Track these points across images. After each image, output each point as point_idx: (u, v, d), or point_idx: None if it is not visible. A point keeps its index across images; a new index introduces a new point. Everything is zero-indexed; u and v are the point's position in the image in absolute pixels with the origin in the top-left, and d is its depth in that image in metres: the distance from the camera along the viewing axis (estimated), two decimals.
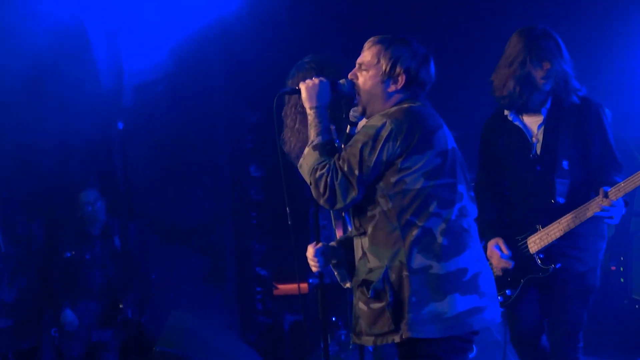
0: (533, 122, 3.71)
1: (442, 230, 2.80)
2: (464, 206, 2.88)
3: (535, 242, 3.63)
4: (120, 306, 5.18)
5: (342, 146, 2.95)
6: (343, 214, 3.24)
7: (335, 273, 3.17)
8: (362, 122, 3.05)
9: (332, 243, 3.18)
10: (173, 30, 5.21)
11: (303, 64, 3.44)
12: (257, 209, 6.17)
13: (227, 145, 5.90)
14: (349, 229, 3.24)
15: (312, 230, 3.28)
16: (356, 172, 2.80)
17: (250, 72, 5.64)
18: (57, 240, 5.33)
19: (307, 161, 2.90)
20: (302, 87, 3.00)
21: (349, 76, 3.02)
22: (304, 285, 5.63)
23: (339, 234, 3.51)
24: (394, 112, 2.85)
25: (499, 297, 3.61)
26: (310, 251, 3.11)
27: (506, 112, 3.76)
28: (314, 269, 3.11)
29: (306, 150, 2.93)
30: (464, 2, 5.14)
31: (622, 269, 5.34)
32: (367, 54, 2.99)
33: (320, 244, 3.11)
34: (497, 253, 3.68)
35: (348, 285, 3.07)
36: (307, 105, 2.98)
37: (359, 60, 3.01)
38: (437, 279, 2.78)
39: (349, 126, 3.01)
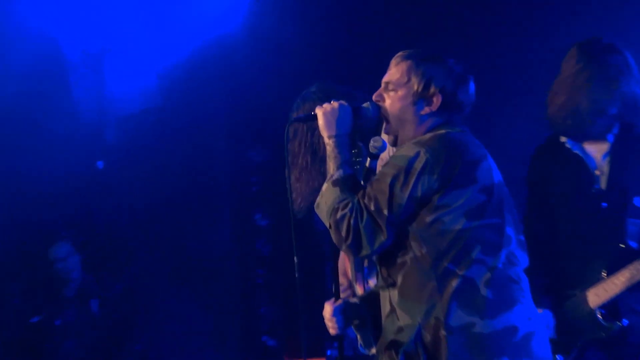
0: (597, 151, 3.70)
1: (487, 281, 2.76)
2: (512, 253, 2.85)
3: (598, 295, 3.58)
4: None
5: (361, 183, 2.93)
6: (366, 262, 3.20)
7: (358, 337, 3.15)
8: (385, 154, 3.08)
9: (354, 299, 3.15)
10: (164, 54, 5.30)
11: (309, 93, 3.52)
12: (265, 265, 6.17)
13: (229, 189, 5.93)
14: (369, 282, 3.20)
15: (331, 284, 3.22)
16: (385, 212, 2.77)
17: (255, 104, 5.71)
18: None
19: (326, 199, 2.88)
20: (319, 112, 3.01)
21: (374, 98, 3.03)
22: None
23: (359, 290, 3.48)
24: (428, 140, 2.84)
25: None
26: (328, 310, 3.08)
27: (563, 139, 3.75)
28: (332, 331, 3.09)
29: (325, 186, 2.92)
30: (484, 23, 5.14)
31: None
32: (395, 71, 3.00)
33: (340, 301, 3.08)
34: None
35: (374, 351, 3.04)
36: (325, 133, 2.98)
37: (385, 78, 3.02)
38: (481, 339, 2.73)
39: (368, 159, 3.01)
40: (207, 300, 5.66)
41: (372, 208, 2.77)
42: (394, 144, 2.99)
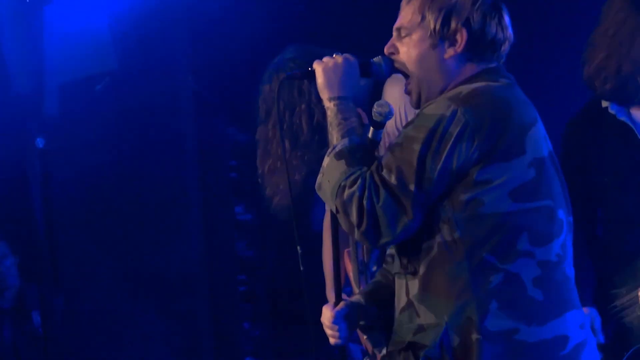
0: None
1: (536, 279, 2.78)
2: (566, 243, 2.89)
3: None
4: None
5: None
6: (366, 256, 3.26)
7: (364, 338, 3.27)
8: (390, 124, 3.14)
9: (357, 296, 3.17)
10: (118, 4, 5.23)
11: (284, 61, 3.65)
12: (247, 270, 6.16)
13: (200, 174, 5.89)
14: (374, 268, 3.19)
15: (334, 283, 3.23)
16: (412, 187, 2.74)
17: (236, 70, 5.66)
18: None
19: (329, 176, 2.89)
20: (318, 68, 3.02)
21: (386, 50, 3.06)
22: None
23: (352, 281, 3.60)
24: (466, 95, 2.82)
25: None
26: (328, 316, 3.11)
27: (605, 104, 3.82)
28: (332, 340, 3.12)
29: (326, 160, 2.93)
30: None
31: None
32: (406, 13, 3.01)
33: (342, 304, 3.10)
34: None
35: (385, 352, 3.06)
36: (325, 95, 3.00)
37: (396, 24, 3.04)
38: (524, 349, 2.76)
39: (371, 129, 3.00)
40: (175, 315, 5.62)
41: (394, 182, 2.74)
42: (417, 104, 2.98)
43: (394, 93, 3.59)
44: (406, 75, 3.00)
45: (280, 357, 6.05)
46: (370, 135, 2.99)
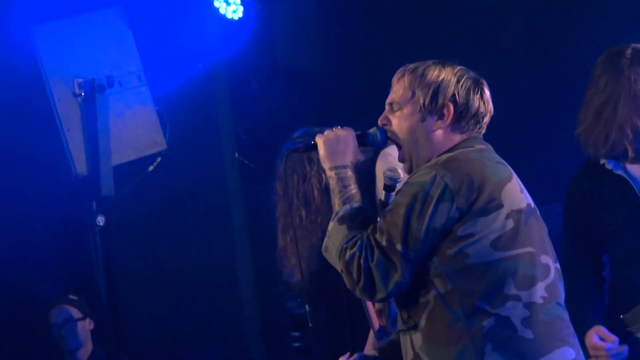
0: None
1: (525, 319, 2.86)
2: (553, 284, 2.96)
3: None
4: None
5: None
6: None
7: None
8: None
9: (372, 351, 3.29)
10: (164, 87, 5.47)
11: (292, 140, 3.70)
12: (301, 328, 6.29)
13: (249, 241, 6.13)
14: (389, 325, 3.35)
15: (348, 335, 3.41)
16: (399, 247, 2.86)
17: (276, 140, 5.86)
18: None
19: (334, 240, 2.99)
20: (320, 141, 3.15)
21: (379, 122, 3.17)
22: None
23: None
24: (445, 161, 2.95)
25: None
26: None
27: (603, 161, 3.89)
28: None
29: (330, 225, 3.03)
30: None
31: None
32: (397, 88, 3.12)
33: (356, 356, 3.22)
34: (602, 346, 3.77)
35: None
36: (327, 165, 3.12)
37: (388, 99, 3.15)
38: None
39: (383, 193, 3.15)
40: None
41: (384, 243, 2.86)
42: (410, 170, 3.10)
43: (380, 166, 3.76)
44: (399, 146, 3.12)
45: None
46: (383, 197, 3.15)
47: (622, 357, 3.76)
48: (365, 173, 3.32)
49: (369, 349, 3.78)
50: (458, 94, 3.05)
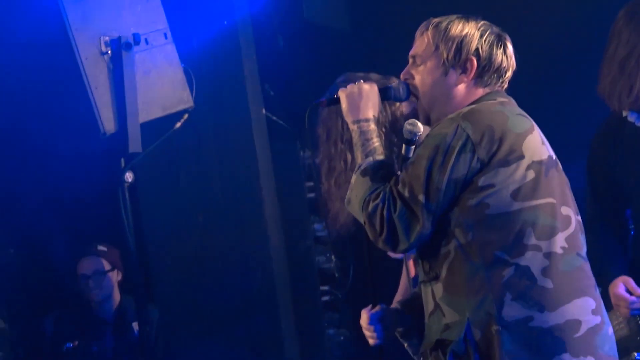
0: None
1: (545, 269, 2.88)
2: (573, 236, 2.98)
3: None
4: None
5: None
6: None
7: (405, 345, 3.31)
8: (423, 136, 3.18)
9: (395, 305, 3.32)
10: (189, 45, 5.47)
11: (335, 85, 3.58)
12: (329, 281, 6.35)
13: (278, 195, 6.11)
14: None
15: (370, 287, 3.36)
16: (421, 198, 2.89)
17: (305, 99, 5.85)
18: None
19: (357, 192, 3.02)
20: (342, 95, 3.17)
21: (402, 76, 3.19)
22: None
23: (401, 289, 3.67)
24: (466, 113, 2.97)
25: None
26: (364, 318, 3.27)
27: (625, 114, 3.90)
28: (371, 341, 3.26)
29: (353, 178, 3.07)
30: None
31: None
32: (420, 42, 3.13)
33: (378, 308, 3.25)
34: (625, 298, 3.75)
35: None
36: (349, 118, 3.15)
37: (411, 52, 3.17)
38: (539, 334, 2.85)
39: (403, 146, 3.16)
40: (260, 323, 5.77)
41: (407, 195, 2.89)
42: (427, 122, 3.14)
43: None
44: (418, 98, 3.14)
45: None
46: (403, 151, 3.15)
47: None
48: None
49: (398, 299, 3.79)
50: (481, 49, 3.06)
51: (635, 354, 3.80)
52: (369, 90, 3.15)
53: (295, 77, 6.37)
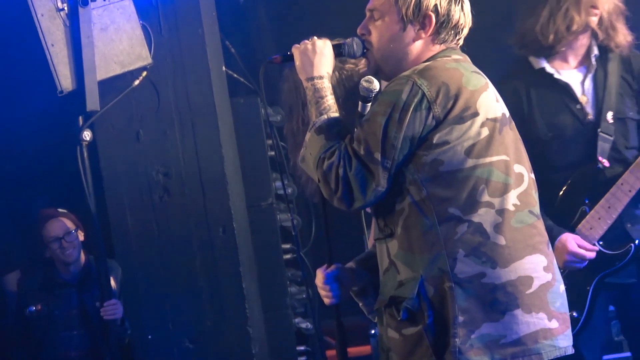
0: (575, 71, 4.10)
1: (497, 226, 2.90)
2: (526, 193, 2.99)
3: (592, 228, 3.95)
4: None
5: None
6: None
7: (360, 304, 3.30)
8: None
9: (351, 263, 3.30)
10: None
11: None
12: (291, 239, 6.33)
13: (241, 155, 6.08)
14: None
15: (326, 248, 3.33)
16: (377, 155, 2.88)
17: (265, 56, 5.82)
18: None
19: (311, 150, 3.03)
20: (296, 52, 3.15)
21: (359, 31, 3.16)
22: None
23: (370, 244, 3.67)
24: (422, 71, 2.95)
25: None
26: (320, 277, 3.26)
27: (532, 59, 4.12)
28: (326, 300, 3.26)
29: (307, 135, 3.06)
30: None
31: None
32: None
33: (333, 267, 3.24)
34: (579, 253, 3.95)
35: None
36: (303, 76, 3.12)
37: (369, 6, 3.13)
38: (491, 290, 2.87)
39: (360, 103, 3.14)
40: (216, 279, 5.71)
41: (362, 152, 2.89)
42: (375, 73, 3.12)
43: None
44: (373, 56, 3.10)
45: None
46: (359, 109, 3.13)
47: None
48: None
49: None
50: (440, 5, 3.04)
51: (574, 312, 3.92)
52: (323, 47, 3.12)
53: (256, 34, 6.31)
